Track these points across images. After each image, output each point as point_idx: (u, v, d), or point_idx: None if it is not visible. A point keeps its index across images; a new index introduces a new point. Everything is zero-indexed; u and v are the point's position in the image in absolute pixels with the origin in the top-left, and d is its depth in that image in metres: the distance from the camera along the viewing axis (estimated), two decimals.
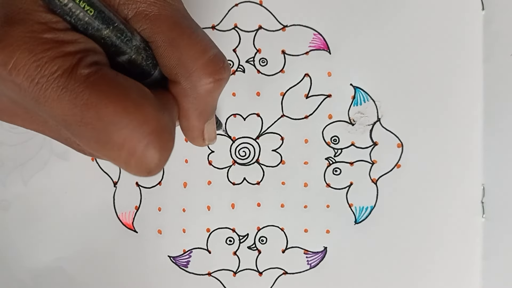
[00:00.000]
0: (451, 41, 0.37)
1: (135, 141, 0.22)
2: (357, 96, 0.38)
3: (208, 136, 0.29)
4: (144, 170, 0.23)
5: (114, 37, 0.23)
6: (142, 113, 0.22)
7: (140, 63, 0.25)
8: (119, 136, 0.22)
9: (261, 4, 0.38)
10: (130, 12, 0.24)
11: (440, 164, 0.38)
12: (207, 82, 0.26)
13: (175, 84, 0.26)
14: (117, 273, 0.39)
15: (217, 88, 0.26)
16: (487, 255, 0.38)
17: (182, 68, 0.25)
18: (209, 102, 0.27)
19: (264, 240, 0.39)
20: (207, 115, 0.28)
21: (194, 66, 0.25)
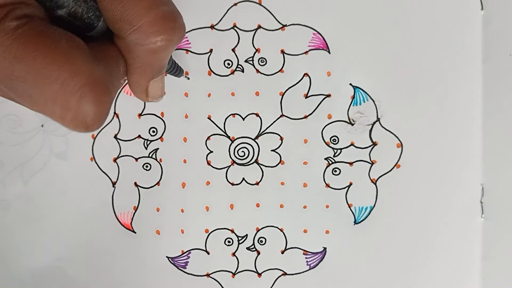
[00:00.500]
0: (450, 41, 0.37)
1: (67, 95, 0.21)
2: (356, 96, 0.38)
3: (152, 93, 0.28)
4: (81, 125, 0.22)
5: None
6: (72, 65, 0.21)
7: (80, 15, 0.24)
8: (51, 89, 0.21)
9: (260, 3, 0.38)
10: None
11: (440, 164, 0.38)
12: (151, 42, 0.24)
13: (119, 39, 0.25)
14: (116, 273, 0.39)
15: (163, 49, 0.25)
16: (487, 255, 0.38)
17: (125, 23, 0.24)
18: (154, 62, 0.26)
19: (263, 240, 0.39)
20: (152, 74, 0.27)
21: (138, 22, 0.24)
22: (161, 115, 0.38)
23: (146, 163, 0.39)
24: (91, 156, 0.39)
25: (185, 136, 0.38)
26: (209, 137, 0.38)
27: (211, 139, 0.38)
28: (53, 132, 0.38)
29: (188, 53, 0.38)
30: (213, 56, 0.38)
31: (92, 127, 0.22)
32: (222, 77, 0.38)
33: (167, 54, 0.26)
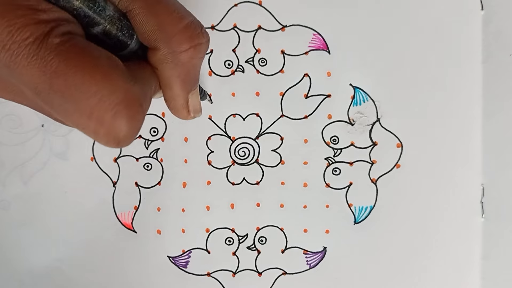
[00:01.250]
0: (450, 41, 0.37)
1: (103, 111, 0.22)
2: (356, 96, 0.38)
3: (193, 107, 0.29)
4: (113, 141, 0.23)
5: (85, 8, 0.23)
6: (110, 83, 0.22)
7: (115, 33, 0.25)
8: (87, 104, 0.22)
9: (260, 4, 0.38)
10: None
11: (440, 164, 0.38)
12: (187, 47, 0.26)
13: (155, 51, 0.26)
14: (116, 273, 0.39)
15: (197, 53, 0.26)
16: (487, 255, 0.38)
17: (161, 33, 0.25)
18: (191, 68, 0.27)
19: (263, 240, 0.39)
20: (191, 84, 0.28)
21: (174, 31, 0.25)
22: (162, 115, 0.38)
23: (147, 163, 0.39)
24: (92, 156, 0.39)
25: (186, 136, 0.38)
26: (209, 137, 0.38)
27: (212, 139, 0.38)
28: (53, 132, 0.38)
29: None
30: (213, 57, 0.38)
31: (123, 143, 0.23)
32: (222, 77, 0.38)
33: (200, 60, 0.27)
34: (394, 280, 0.38)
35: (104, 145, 0.23)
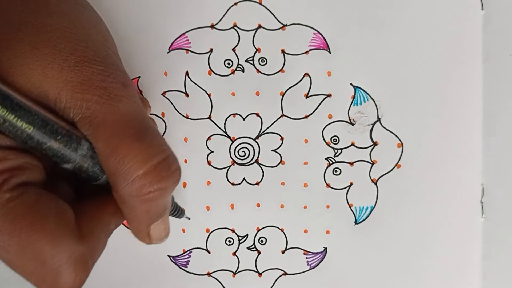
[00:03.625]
0: (450, 41, 0.37)
1: (45, 271, 0.22)
2: (357, 96, 0.38)
3: (155, 236, 0.29)
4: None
5: (56, 150, 0.23)
6: (55, 245, 0.22)
7: (86, 170, 0.25)
8: (30, 264, 0.22)
9: (260, 3, 0.38)
10: (76, 116, 0.24)
11: (440, 164, 0.38)
12: (145, 192, 0.25)
13: (114, 191, 0.25)
14: (117, 272, 0.39)
15: (158, 197, 0.25)
16: (487, 255, 0.38)
17: (119, 178, 0.24)
18: (150, 209, 0.26)
19: (263, 240, 0.39)
20: (150, 220, 0.27)
21: (132, 176, 0.24)
22: (162, 115, 0.38)
23: None
24: None
25: (186, 136, 0.38)
26: (209, 137, 0.38)
27: (212, 139, 0.38)
28: None
29: (188, 52, 0.38)
30: (213, 56, 0.38)
31: None
32: (222, 77, 0.38)
33: (164, 200, 0.27)
34: (395, 280, 0.38)
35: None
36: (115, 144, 0.24)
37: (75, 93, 0.23)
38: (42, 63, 0.23)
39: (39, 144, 0.23)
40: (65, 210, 0.24)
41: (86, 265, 0.24)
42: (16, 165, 0.22)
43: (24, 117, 0.21)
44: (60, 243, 0.22)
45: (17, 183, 0.22)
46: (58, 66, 0.23)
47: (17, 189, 0.22)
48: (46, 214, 0.23)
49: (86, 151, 0.24)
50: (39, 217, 0.22)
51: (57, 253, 0.22)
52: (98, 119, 0.24)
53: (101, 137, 0.24)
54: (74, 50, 0.24)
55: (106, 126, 0.24)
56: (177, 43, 0.38)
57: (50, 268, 0.22)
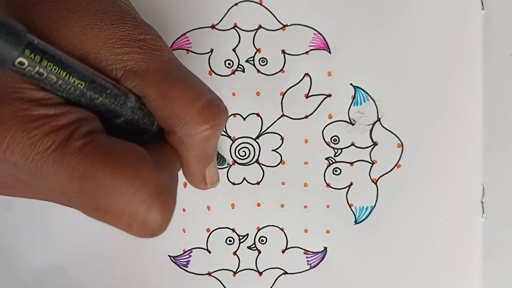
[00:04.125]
0: (451, 41, 0.37)
1: (135, 207, 0.22)
2: (357, 96, 0.38)
3: (210, 180, 0.29)
4: (148, 233, 0.23)
5: (108, 104, 0.23)
6: (139, 178, 0.22)
7: (136, 122, 0.25)
8: (119, 203, 0.22)
9: (261, 3, 0.38)
10: (119, 72, 0.24)
11: (440, 164, 0.38)
12: (202, 130, 0.25)
13: (171, 134, 0.26)
14: (117, 273, 0.40)
15: (213, 134, 0.26)
16: (487, 255, 0.38)
17: (176, 119, 0.25)
18: (207, 148, 0.27)
19: (264, 240, 0.39)
20: (207, 161, 0.28)
21: (188, 115, 0.25)
22: None
23: None
24: None
25: None
26: None
27: None
28: None
29: (189, 53, 0.38)
30: (213, 56, 0.38)
31: (157, 233, 0.23)
32: (222, 77, 0.38)
33: (217, 138, 0.27)
34: (395, 280, 0.38)
35: (137, 236, 0.23)
36: (165, 88, 0.25)
37: (116, 49, 0.24)
38: (81, 25, 0.24)
39: (91, 100, 0.23)
40: (138, 147, 0.24)
41: (172, 194, 0.24)
42: (80, 117, 0.23)
43: (75, 74, 0.22)
44: (144, 176, 0.22)
45: (85, 131, 0.22)
46: (96, 26, 0.24)
47: (87, 136, 0.22)
48: (123, 152, 0.23)
49: (134, 103, 0.25)
50: (117, 156, 0.22)
51: (142, 187, 0.22)
52: (143, 68, 0.25)
53: (150, 83, 0.25)
54: (107, 11, 0.25)
55: (152, 73, 0.25)
56: (178, 43, 0.38)
57: (139, 202, 0.22)
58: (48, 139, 0.21)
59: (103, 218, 0.23)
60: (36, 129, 0.21)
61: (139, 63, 0.25)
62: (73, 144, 0.22)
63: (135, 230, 0.23)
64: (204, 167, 0.28)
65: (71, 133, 0.22)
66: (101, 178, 0.22)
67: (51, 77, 0.21)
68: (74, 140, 0.22)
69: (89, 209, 0.23)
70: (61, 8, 0.24)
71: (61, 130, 0.22)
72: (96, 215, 0.23)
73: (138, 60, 0.25)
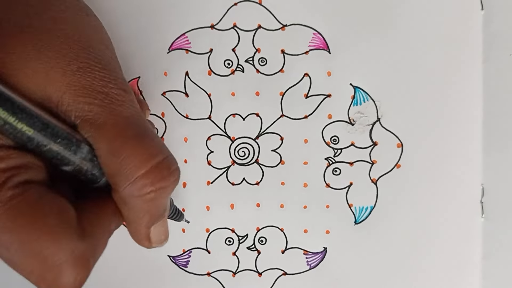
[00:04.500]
0: (450, 41, 0.37)
1: (45, 269, 0.22)
2: (357, 96, 0.38)
3: (156, 239, 0.29)
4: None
5: (55, 152, 0.23)
6: (56, 243, 0.22)
7: (85, 172, 0.25)
8: (30, 262, 0.22)
9: (260, 3, 0.38)
10: (76, 119, 0.24)
11: (440, 164, 0.38)
12: (146, 192, 0.25)
13: (115, 192, 0.26)
14: (117, 273, 0.39)
15: (159, 196, 0.26)
16: (487, 255, 0.38)
17: (121, 178, 0.25)
18: (151, 209, 0.27)
19: (263, 240, 0.39)
20: (151, 221, 0.28)
21: (133, 176, 0.25)
22: (162, 115, 0.38)
23: None
24: None
25: (186, 136, 0.38)
26: (209, 137, 0.38)
27: (212, 139, 0.38)
28: None
29: (188, 53, 0.38)
30: (213, 56, 0.38)
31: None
32: (222, 77, 0.38)
33: (165, 198, 0.27)
34: (395, 280, 0.38)
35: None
36: (117, 145, 0.24)
37: (78, 97, 0.24)
38: (46, 66, 0.24)
39: (38, 146, 0.23)
40: (67, 208, 0.24)
41: (87, 264, 0.24)
42: (19, 164, 0.22)
43: (24, 120, 0.22)
44: (62, 241, 0.22)
45: (19, 181, 0.22)
46: (62, 70, 0.24)
47: (19, 187, 0.22)
48: (48, 212, 0.23)
49: (86, 154, 0.24)
50: (41, 215, 0.22)
51: (59, 251, 0.22)
52: (99, 122, 0.24)
53: (103, 138, 0.24)
54: (77, 55, 0.25)
55: (108, 128, 0.25)
56: (177, 43, 0.38)
57: (50, 266, 0.22)
58: None
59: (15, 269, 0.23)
60: None
61: (97, 115, 0.24)
62: (3, 193, 0.22)
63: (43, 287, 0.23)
64: (147, 227, 0.28)
65: (5, 180, 0.22)
66: (18, 234, 0.22)
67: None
68: (5, 189, 0.22)
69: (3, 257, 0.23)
70: (28, 45, 0.24)
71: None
72: (9, 264, 0.23)
73: (97, 112, 0.24)
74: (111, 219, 0.27)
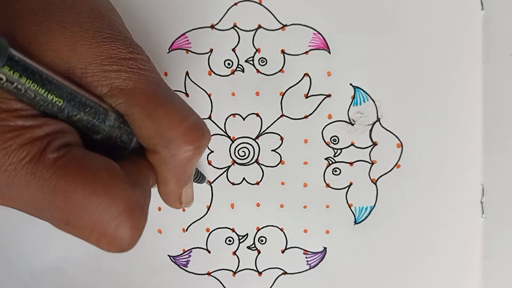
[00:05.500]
0: (450, 41, 0.37)
1: (105, 223, 0.22)
2: (356, 96, 0.38)
3: (186, 199, 0.29)
4: (116, 249, 0.23)
5: (85, 121, 0.24)
6: (111, 195, 0.22)
7: (114, 139, 0.25)
8: (89, 218, 0.22)
9: (260, 3, 0.38)
10: (104, 88, 0.25)
11: (440, 164, 0.38)
12: (186, 150, 0.26)
13: (154, 153, 0.26)
14: (117, 272, 0.40)
15: (196, 155, 0.26)
16: (487, 255, 0.38)
17: (161, 138, 0.25)
18: (188, 169, 0.27)
19: (263, 240, 0.39)
20: (185, 181, 0.28)
21: (173, 136, 0.25)
22: None
23: None
24: None
25: None
26: None
27: (212, 139, 0.38)
28: None
29: (188, 52, 0.38)
30: (213, 56, 0.38)
31: (126, 249, 0.24)
32: (222, 77, 0.38)
33: (198, 160, 0.27)
34: (394, 280, 0.39)
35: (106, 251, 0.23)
36: (151, 107, 0.25)
37: (104, 66, 0.25)
38: (71, 40, 0.24)
39: (69, 116, 0.23)
40: (112, 162, 0.24)
41: (143, 212, 0.24)
42: (56, 129, 0.23)
43: (54, 91, 0.22)
44: (116, 192, 0.22)
45: (61, 144, 0.22)
46: (87, 43, 0.24)
47: (62, 149, 0.22)
48: (96, 168, 0.23)
49: (113, 121, 0.25)
50: (90, 171, 0.22)
51: (113, 203, 0.22)
52: (130, 87, 0.25)
53: (136, 102, 0.25)
54: (100, 28, 0.25)
55: (139, 92, 0.25)
56: (177, 43, 0.38)
57: (110, 218, 0.22)
58: (22, 150, 0.21)
59: (73, 232, 0.23)
60: (12, 140, 0.21)
61: (127, 81, 0.25)
62: (47, 157, 0.22)
63: (103, 245, 0.23)
64: (182, 187, 0.28)
65: (46, 145, 0.22)
66: (72, 193, 0.22)
67: (29, 93, 0.21)
68: (49, 153, 0.22)
69: (59, 222, 0.23)
70: (52, 21, 0.24)
71: (36, 142, 0.22)
72: (65, 229, 0.23)
73: (125, 78, 0.25)
74: (149, 174, 0.27)
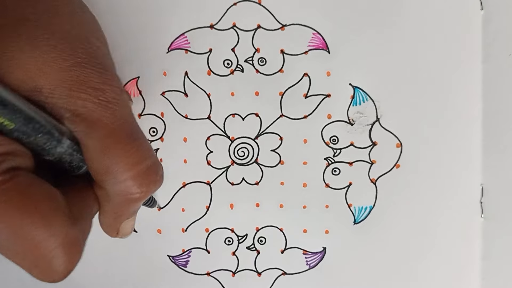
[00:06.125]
0: (450, 41, 0.37)
1: (39, 255, 0.22)
2: (356, 96, 0.38)
3: (124, 231, 0.30)
4: (47, 279, 0.23)
5: (35, 145, 0.23)
6: (49, 228, 0.22)
7: (64, 164, 0.25)
8: (23, 248, 0.22)
9: (260, 3, 0.38)
10: (66, 112, 0.24)
11: (439, 164, 0.38)
12: (133, 193, 0.26)
13: (100, 188, 0.26)
14: (117, 272, 0.40)
15: (142, 198, 0.26)
16: (486, 255, 0.38)
17: (109, 177, 0.25)
18: (131, 208, 0.27)
19: (263, 240, 0.39)
20: (126, 217, 0.28)
21: (122, 177, 0.25)
22: (161, 115, 0.38)
23: None
24: None
25: (185, 137, 0.38)
26: (209, 137, 0.38)
27: (211, 139, 0.38)
28: None
29: (187, 52, 0.38)
30: (212, 56, 0.38)
31: (58, 281, 0.23)
32: (221, 77, 0.38)
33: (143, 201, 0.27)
34: (394, 280, 0.38)
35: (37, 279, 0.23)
36: (108, 144, 0.25)
37: (72, 91, 0.24)
38: (40, 59, 0.23)
39: (19, 139, 0.23)
40: (56, 194, 0.24)
41: (79, 248, 0.24)
42: (8, 150, 0.22)
43: (7, 115, 0.22)
44: (54, 227, 0.22)
45: (9, 167, 0.22)
46: (57, 65, 0.24)
47: (9, 172, 0.22)
48: (38, 198, 0.22)
49: (66, 148, 0.24)
50: (32, 201, 0.22)
51: (51, 236, 0.22)
52: (92, 118, 0.24)
53: (95, 135, 0.24)
54: (74, 51, 0.25)
55: (101, 125, 0.24)
56: (177, 43, 0.38)
57: (43, 251, 0.22)
58: None
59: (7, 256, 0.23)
60: None
61: (91, 112, 0.24)
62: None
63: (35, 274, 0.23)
64: (121, 222, 0.28)
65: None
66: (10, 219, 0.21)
67: None
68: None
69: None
70: (23, 38, 0.24)
71: None
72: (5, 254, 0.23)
73: (91, 109, 0.24)
74: (93, 204, 0.27)
